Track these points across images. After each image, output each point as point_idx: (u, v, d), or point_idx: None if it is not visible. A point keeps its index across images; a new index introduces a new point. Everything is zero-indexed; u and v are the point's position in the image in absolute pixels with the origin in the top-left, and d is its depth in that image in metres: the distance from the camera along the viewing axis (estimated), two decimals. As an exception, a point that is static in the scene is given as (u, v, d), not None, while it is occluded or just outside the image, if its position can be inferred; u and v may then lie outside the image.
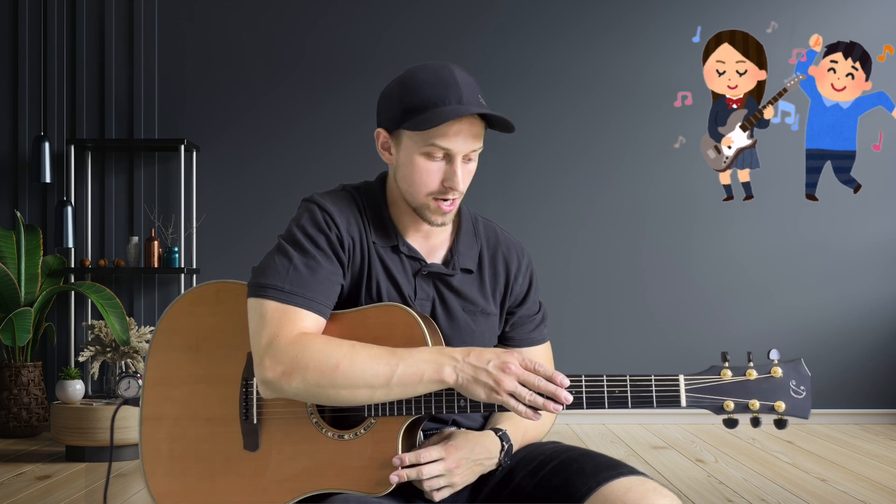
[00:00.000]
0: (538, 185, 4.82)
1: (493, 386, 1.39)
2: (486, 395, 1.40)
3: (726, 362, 1.42)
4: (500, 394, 1.39)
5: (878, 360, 4.78)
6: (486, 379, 1.39)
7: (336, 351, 1.43)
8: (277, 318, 1.46)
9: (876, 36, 4.83)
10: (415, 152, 1.53)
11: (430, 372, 1.41)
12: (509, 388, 1.39)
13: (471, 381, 1.40)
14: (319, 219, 1.54)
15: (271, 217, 4.74)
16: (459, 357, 1.41)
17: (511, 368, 1.39)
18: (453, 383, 1.41)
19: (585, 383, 1.41)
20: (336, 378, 1.42)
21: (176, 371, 1.60)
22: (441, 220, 1.56)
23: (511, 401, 1.39)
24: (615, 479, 1.44)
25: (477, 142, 1.53)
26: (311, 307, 1.48)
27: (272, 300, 1.47)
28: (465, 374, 1.40)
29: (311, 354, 1.43)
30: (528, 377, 1.39)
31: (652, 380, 1.40)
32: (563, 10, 4.86)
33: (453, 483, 1.48)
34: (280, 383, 1.44)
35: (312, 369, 1.42)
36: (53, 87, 4.78)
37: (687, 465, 3.65)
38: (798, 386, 1.39)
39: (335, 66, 4.83)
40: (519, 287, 1.67)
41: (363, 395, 1.43)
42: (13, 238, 4.42)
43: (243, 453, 1.54)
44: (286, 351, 1.44)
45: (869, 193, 4.82)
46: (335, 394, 1.43)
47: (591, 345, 4.79)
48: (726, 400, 1.39)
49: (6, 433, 4.30)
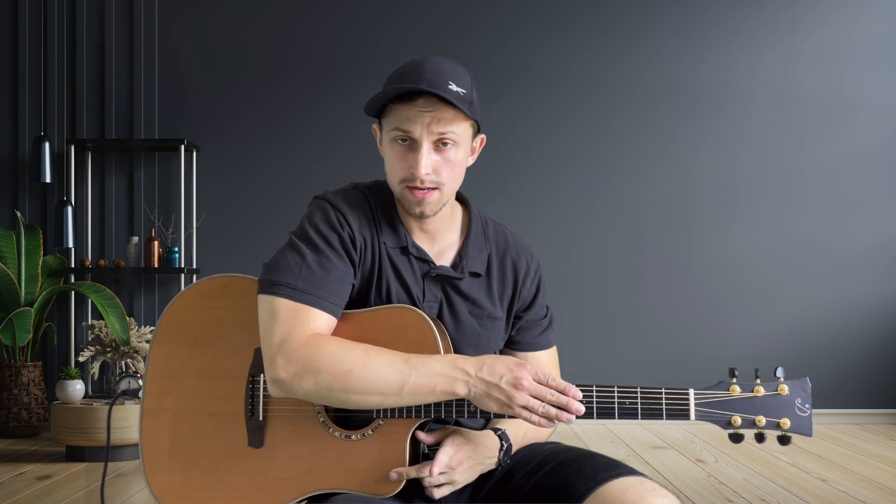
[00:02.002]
0: (538, 185, 4.82)
1: (506, 402, 1.40)
2: (499, 409, 1.41)
3: (734, 378, 1.44)
4: (512, 408, 1.40)
5: (878, 360, 4.78)
6: (499, 395, 1.40)
7: (349, 355, 1.43)
8: (290, 317, 1.45)
9: (876, 36, 4.83)
10: (386, 141, 1.54)
11: (442, 385, 1.41)
12: (521, 403, 1.39)
13: (483, 396, 1.41)
14: (332, 217, 1.54)
15: (271, 217, 4.75)
16: (472, 372, 1.41)
17: (524, 384, 1.39)
18: (465, 396, 1.42)
19: (596, 394, 1.42)
20: (348, 383, 1.42)
21: (179, 365, 1.58)
22: (419, 209, 1.53)
23: (524, 413, 1.40)
24: (614, 480, 1.44)
25: (442, 125, 1.49)
26: (324, 307, 1.48)
27: (285, 298, 1.46)
28: (477, 389, 1.41)
29: (325, 357, 1.42)
30: (541, 391, 1.40)
31: (662, 393, 1.42)
32: (563, 10, 4.86)
33: (454, 481, 1.49)
34: (291, 384, 1.43)
35: (325, 372, 1.42)
36: (53, 87, 4.78)
37: (687, 465, 3.65)
38: (803, 404, 1.43)
39: (335, 66, 4.83)
40: (527, 292, 1.67)
41: (374, 401, 1.43)
42: (13, 238, 4.42)
43: (247, 450, 1.53)
44: (299, 351, 1.43)
45: (869, 193, 4.82)
46: (346, 398, 1.43)
47: (592, 344, 4.79)
48: (734, 415, 1.42)
49: (6, 433, 4.30)
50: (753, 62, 4.85)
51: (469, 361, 1.42)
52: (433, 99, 1.49)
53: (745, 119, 4.85)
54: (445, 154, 1.52)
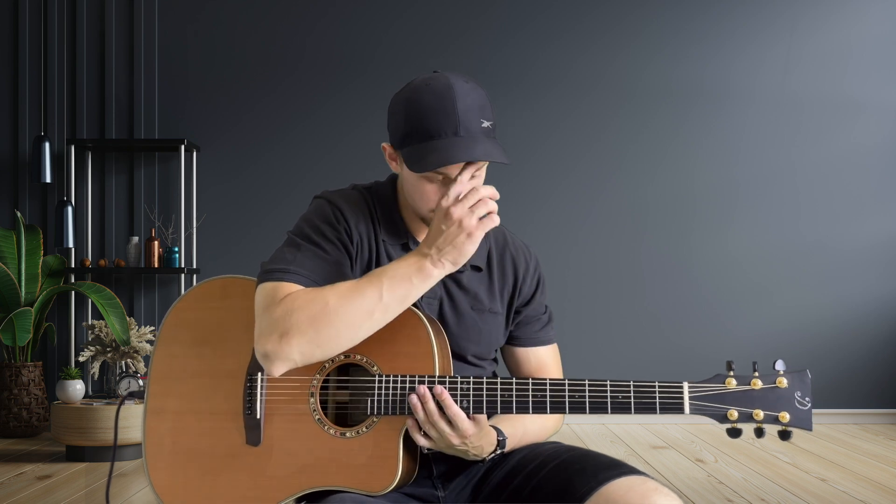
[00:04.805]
0: (538, 185, 4.82)
1: (463, 239, 1.43)
2: (456, 258, 1.44)
3: (731, 371, 1.39)
4: (469, 234, 1.43)
5: (878, 360, 4.78)
6: (454, 231, 1.43)
7: (319, 294, 1.44)
8: (272, 295, 1.46)
9: (876, 36, 4.83)
10: (414, 174, 1.52)
11: (413, 272, 1.44)
12: (471, 219, 1.43)
13: (444, 253, 1.44)
14: (329, 213, 1.56)
15: (271, 217, 4.75)
16: (427, 249, 1.45)
17: (463, 221, 1.44)
18: (435, 267, 1.44)
19: (589, 388, 1.41)
20: (330, 317, 1.42)
21: (181, 365, 1.60)
22: None
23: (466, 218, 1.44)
24: (616, 479, 1.43)
25: (477, 167, 1.50)
26: (301, 282, 1.48)
27: (275, 281, 1.48)
28: (442, 255, 1.44)
29: (298, 306, 1.43)
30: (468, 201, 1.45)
31: (656, 386, 1.39)
32: (563, 10, 4.86)
33: (439, 446, 1.47)
34: (281, 349, 1.43)
35: (305, 320, 1.42)
36: (53, 87, 4.78)
37: (687, 465, 3.65)
38: (803, 397, 1.37)
39: (335, 66, 4.83)
40: (528, 288, 1.67)
41: (364, 323, 1.43)
42: (13, 238, 4.43)
43: (245, 448, 1.54)
44: (276, 316, 1.43)
45: (869, 193, 4.82)
46: (335, 334, 1.42)
47: (592, 344, 4.79)
48: (730, 409, 1.37)
49: (6, 433, 4.30)
50: (753, 62, 4.85)
51: (423, 242, 1.46)
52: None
53: (745, 119, 4.85)
54: (476, 181, 1.51)
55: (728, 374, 1.39)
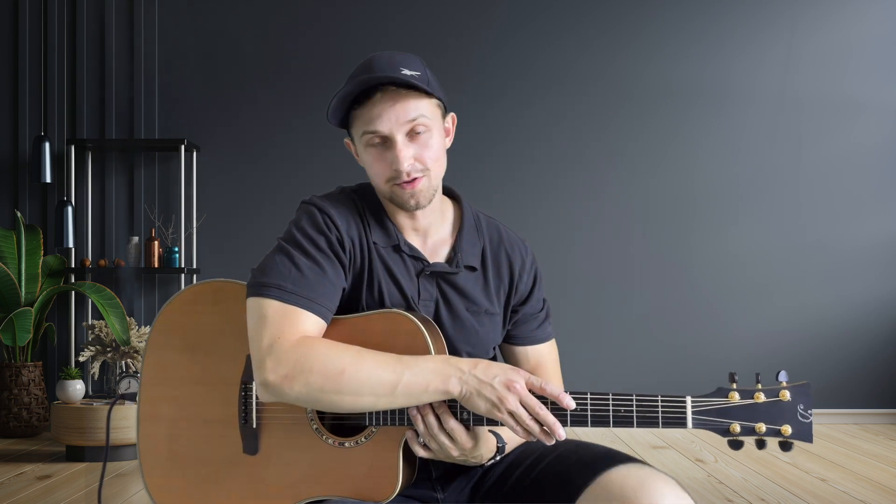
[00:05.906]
0: (538, 184, 4.82)
1: (496, 402, 1.38)
2: (487, 410, 1.39)
3: (734, 383, 1.38)
4: (500, 411, 1.38)
5: (878, 360, 4.78)
6: (490, 394, 1.38)
7: (341, 356, 1.41)
8: (279, 319, 1.43)
9: (876, 36, 4.83)
10: (361, 148, 1.55)
11: (435, 382, 1.39)
12: (511, 408, 1.37)
13: (474, 394, 1.39)
14: (319, 220, 1.53)
15: (271, 217, 4.74)
16: (466, 369, 1.40)
17: (516, 387, 1.38)
18: (458, 395, 1.39)
19: (591, 401, 1.40)
20: (341, 384, 1.39)
21: (173, 371, 1.58)
22: (412, 201, 1.53)
23: (510, 420, 1.38)
24: (613, 468, 1.43)
25: (409, 112, 1.50)
26: (314, 309, 1.45)
27: (274, 300, 1.44)
28: (469, 386, 1.39)
29: (316, 358, 1.40)
30: (530, 401, 1.38)
31: (658, 400, 1.38)
32: (563, 10, 4.86)
33: (439, 457, 1.47)
34: (282, 387, 1.41)
35: (317, 373, 1.39)
36: (53, 87, 4.78)
37: (687, 465, 3.65)
38: (805, 410, 1.36)
39: (335, 66, 4.82)
40: (524, 286, 1.65)
41: (367, 402, 1.41)
42: (13, 238, 4.43)
43: (242, 457, 1.53)
44: (289, 354, 1.40)
45: (869, 193, 4.82)
46: (339, 400, 1.40)
47: (591, 344, 4.79)
48: (733, 423, 1.37)
49: (6, 433, 4.30)
50: (753, 62, 4.84)
51: (463, 360, 1.41)
52: (391, 90, 1.50)
53: (745, 119, 4.84)
54: (421, 141, 1.52)
55: (731, 387, 1.38)
